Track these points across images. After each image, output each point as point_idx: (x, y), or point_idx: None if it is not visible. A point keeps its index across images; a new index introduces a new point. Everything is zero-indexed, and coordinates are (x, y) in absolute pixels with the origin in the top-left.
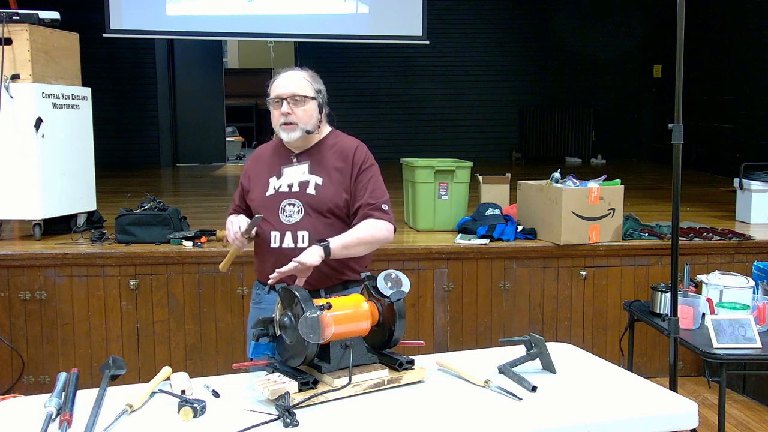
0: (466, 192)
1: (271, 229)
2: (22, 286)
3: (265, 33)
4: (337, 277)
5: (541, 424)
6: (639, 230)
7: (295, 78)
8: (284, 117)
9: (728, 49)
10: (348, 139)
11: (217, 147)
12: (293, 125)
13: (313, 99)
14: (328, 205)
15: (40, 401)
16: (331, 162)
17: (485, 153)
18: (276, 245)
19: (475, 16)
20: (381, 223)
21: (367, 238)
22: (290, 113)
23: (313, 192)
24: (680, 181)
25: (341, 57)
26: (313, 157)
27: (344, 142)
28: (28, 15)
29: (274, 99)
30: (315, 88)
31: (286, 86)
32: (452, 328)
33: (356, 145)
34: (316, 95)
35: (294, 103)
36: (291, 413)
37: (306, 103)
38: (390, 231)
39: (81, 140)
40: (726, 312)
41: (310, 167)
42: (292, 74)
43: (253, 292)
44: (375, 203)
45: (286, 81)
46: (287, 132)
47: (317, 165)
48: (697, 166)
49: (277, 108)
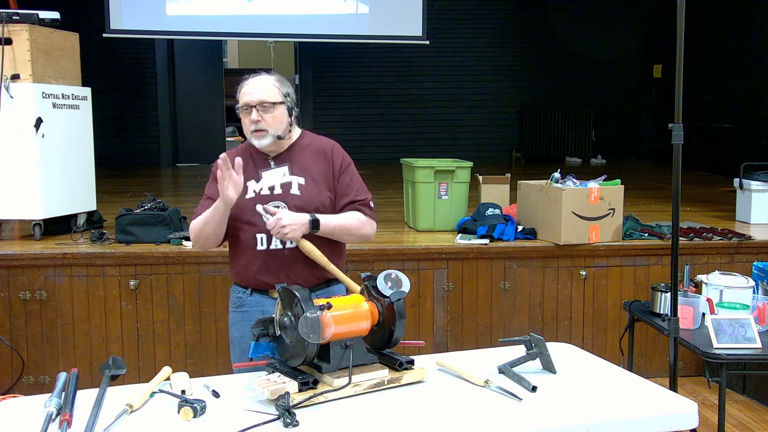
0: (466, 192)
1: (257, 232)
2: (22, 286)
3: (265, 33)
4: (320, 275)
5: (541, 424)
6: (639, 230)
7: (263, 84)
8: (254, 124)
9: (728, 49)
10: (321, 138)
11: (217, 147)
12: (263, 132)
13: (282, 104)
14: (315, 204)
15: (40, 401)
16: (310, 162)
17: (485, 153)
18: (263, 247)
19: (475, 16)
20: (367, 220)
21: (353, 228)
22: (260, 120)
23: (298, 192)
24: (680, 181)
25: (341, 57)
26: (290, 158)
27: (319, 141)
28: (28, 15)
29: (242, 107)
30: (283, 93)
31: (253, 93)
32: (452, 328)
33: (332, 144)
34: (285, 99)
35: (263, 110)
36: (291, 413)
37: (275, 109)
38: (374, 230)
39: (81, 140)
40: (726, 312)
41: (290, 169)
42: (260, 80)
43: (233, 296)
44: (363, 200)
45: (253, 88)
46: (258, 139)
47: (296, 166)
48: (697, 166)
49: (247, 115)
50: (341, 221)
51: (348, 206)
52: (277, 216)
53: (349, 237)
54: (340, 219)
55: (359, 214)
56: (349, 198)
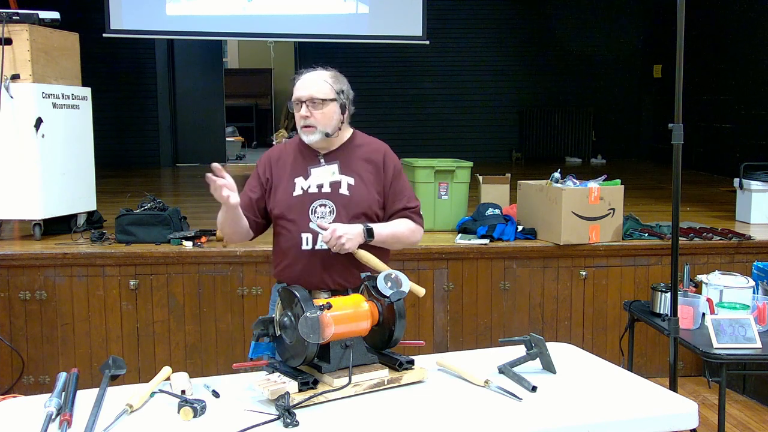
0: (466, 192)
1: (302, 231)
2: (22, 286)
3: (265, 33)
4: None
5: (541, 424)
6: (639, 230)
7: (316, 80)
8: (303, 120)
9: (728, 49)
10: (373, 140)
11: (217, 147)
12: (312, 128)
13: (334, 101)
14: (363, 205)
15: (40, 401)
16: (361, 163)
17: (485, 153)
18: (308, 247)
19: (475, 16)
20: (416, 227)
21: (403, 237)
22: (308, 116)
23: (347, 192)
24: (680, 181)
25: (341, 57)
26: (341, 157)
27: (371, 144)
28: (28, 15)
29: (294, 101)
30: (336, 89)
31: (305, 88)
32: (452, 328)
33: (384, 147)
34: (337, 96)
35: (312, 106)
36: (291, 413)
37: (325, 105)
38: (421, 236)
39: (81, 140)
40: (726, 312)
41: (340, 167)
42: (313, 75)
43: (274, 295)
44: (414, 207)
45: (305, 83)
46: (306, 134)
47: (346, 166)
48: (697, 166)
49: (297, 110)
50: (393, 229)
51: (399, 213)
52: (331, 228)
53: (398, 245)
54: (392, 227)
55: (410, 222)
56: (401, 204)
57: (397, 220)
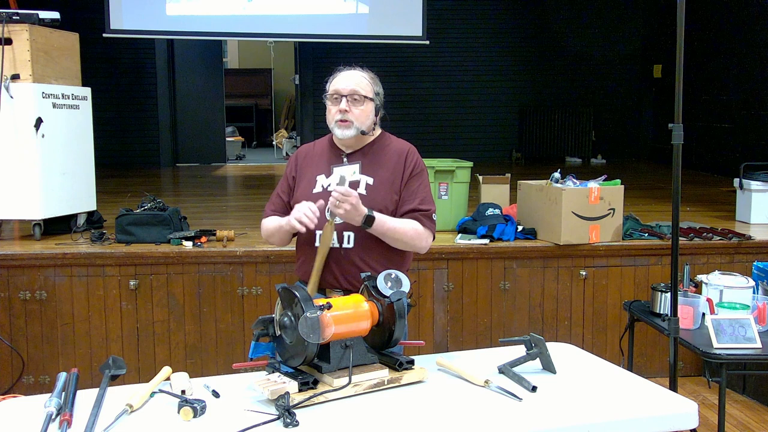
0: (466, 192)
1: (316, 228)
2: (22, 286)
3: (265, 33)
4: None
5: (541, 424)
6: (639, 230)
7: (357, 77)
8: (341, 114)
9: (728, 49)
10: (400, 141)
11: (217, 147)
12: (348, 123)
13: (371, 100)
14: (378, 206)
15: (40, 401)
16: (383, 163)
17: (485, 153)
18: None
19: (475, 16)
20: (424, 231)
21: (407, 237)
22: (347, 111)
23: (364, 192)
24: (680, 181)
25: (341, 57)
26: (364, 157)
27: (396, 144)
28: (28, 15)
29: (332, 94)
30: (374, 90)
31: (347, 83)
32: (452, 328)
33: (408, 147)
34: (375, 97)
35: (353, 102)
36: (291, 413)
37: (364, 103)
38: (429, 243)
39: (81, 140)
40: (726, 312)
41: (362, 167)
42: (355, 72)
43: None
44: (426, 210)
45: (347, 78)
46: (342, 129)
47: (368, 165)
48: (697, 166)
49: (335, 104)
50: (396, 225)
51: (409, 213)
52: (351, 192)
53: (401, 244)
54: (396, 223)
55: (417, 224)
56: (412, 205)
57: (405, 219)
